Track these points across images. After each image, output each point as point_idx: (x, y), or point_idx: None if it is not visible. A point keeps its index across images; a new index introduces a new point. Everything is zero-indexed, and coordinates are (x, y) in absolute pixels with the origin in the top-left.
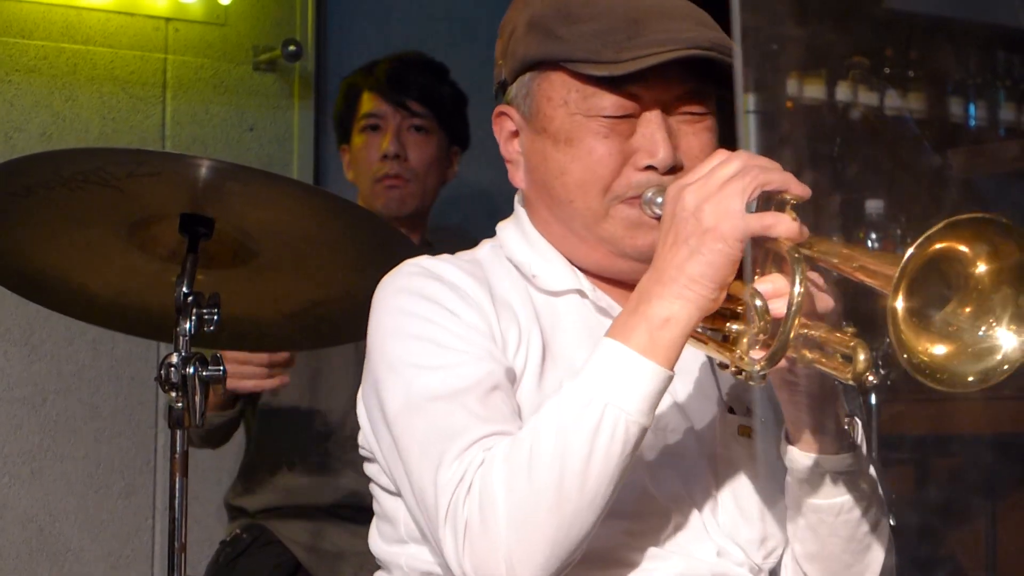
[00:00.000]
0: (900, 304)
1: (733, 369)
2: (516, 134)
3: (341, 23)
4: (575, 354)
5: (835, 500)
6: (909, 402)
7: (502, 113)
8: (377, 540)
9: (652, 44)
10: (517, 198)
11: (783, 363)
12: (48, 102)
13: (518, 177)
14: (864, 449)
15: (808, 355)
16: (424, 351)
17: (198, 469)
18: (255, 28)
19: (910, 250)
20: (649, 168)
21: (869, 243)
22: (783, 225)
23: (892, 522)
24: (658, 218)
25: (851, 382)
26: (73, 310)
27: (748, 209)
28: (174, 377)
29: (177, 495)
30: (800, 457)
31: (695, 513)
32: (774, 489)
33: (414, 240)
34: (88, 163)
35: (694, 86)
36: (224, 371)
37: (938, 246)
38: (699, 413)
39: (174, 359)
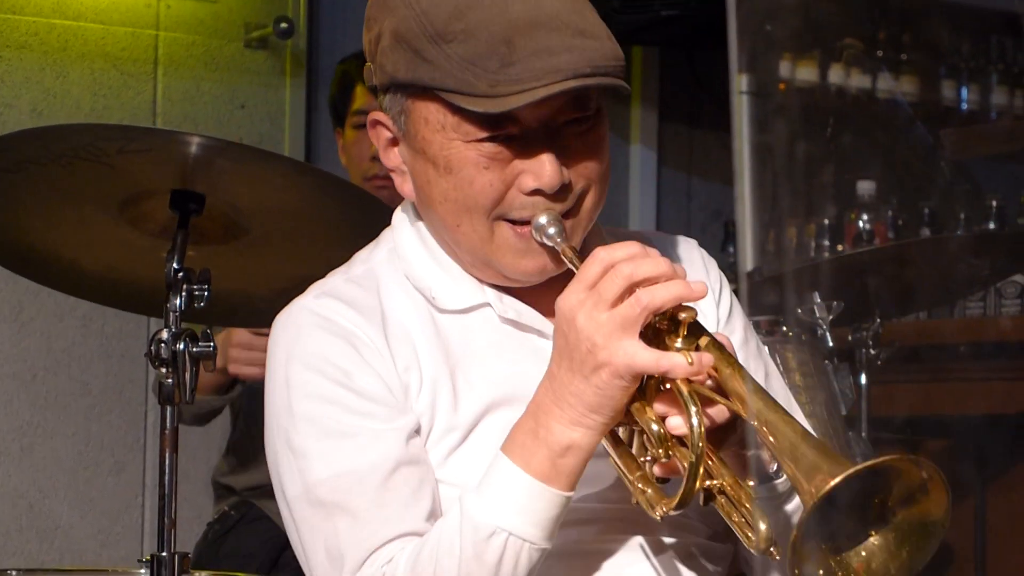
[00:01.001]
0: (803, 525)
1: (634, 501)
2: (395, 142)
3: (333, 1)
4: (490, 374)
5: (777, 510)
6: (899, 382)
7: (378, 122)
8: None
9: (527, 76)
10: (408, 206)
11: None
12: (39, 78)
13: (407, 188)
14: (780, 477)
15: (715, 500)
16: (317, 431)
17: (188, 446)
18: (247, 5)
19: (831, 483)
20: (535, 192)
21: (861, 224)
22: (679, 369)
23: None
24: (544, 247)
25: (754, 552)
26: (64, 285)
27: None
28: (164, 353)
29: (167, 472)
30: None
31: (649, 529)
32: None
33: None
34: (78, 139)
35: (575, 98)
36: (215, 347)
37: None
38: None
39: (164, 335)
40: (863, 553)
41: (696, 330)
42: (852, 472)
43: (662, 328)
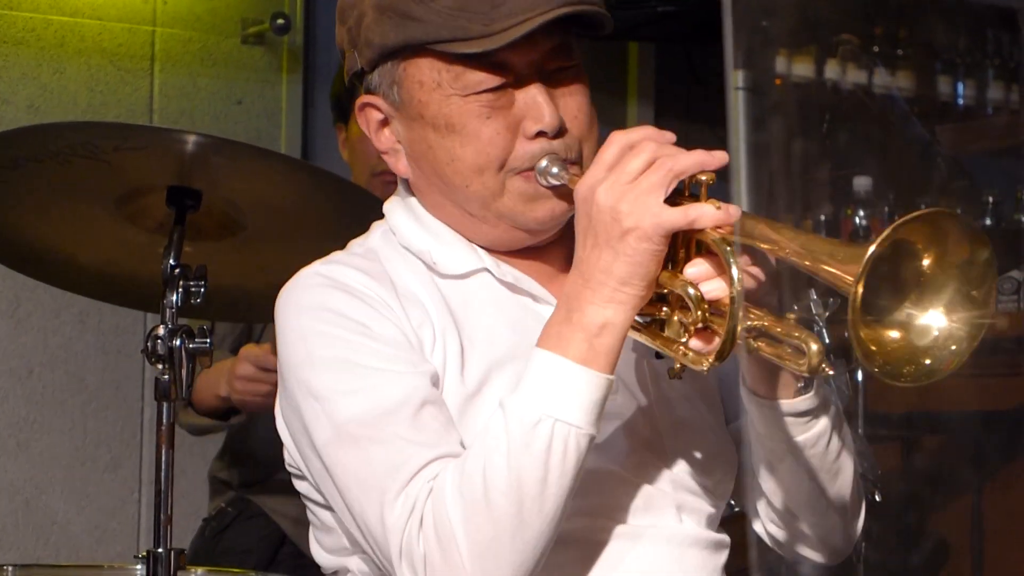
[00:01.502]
0: (859, 300)
1: (678, 367)
2: (386, 123)
3: None
4: (492, 335)
5: (801, 438)
6: None
7: (366, 104)
8: (319, 550)
9: (518, 10)
10: (402, 184)
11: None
12: (36, 74)
13: (401, 166)
14: (820, 381)
15: (755, 344)
16: (341, 376)
17: (185, 442)
18: (244, 1)
19: (872, 247)
20: (539, 135)
21: (857, 220)
22: (708, 216)
23: (878, 498)
24: (552, 188)
25: (807, 375)
26: (61, 281)
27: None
28: (161, 349)
29: (163, 468)
30: (757, 402)
31: (648, 471)
32: (717, 423)
33: None
34: (75, 137)
35: (560, 40)
36: (211, 343)
37: (891, 241)
38: (627, 366)
39: (161, 331)
40: (923, 322)
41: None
42: (887, 234)
43: (681, 200)
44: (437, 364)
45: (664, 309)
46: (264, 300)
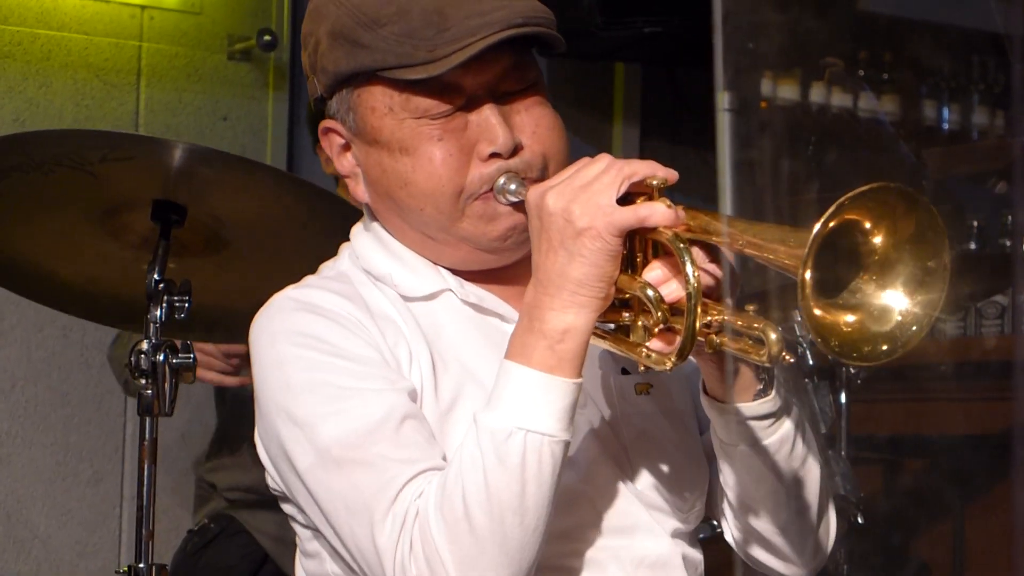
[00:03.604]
0: (808, 281)
1: (642, 369)
2: (347, 147)
3: None
4: (463, 354)
5: (763, 443)
6: (879, 401)
7: (328, 129)
8: (302, 574)
9: (463, 34)
10: (365, 209)
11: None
12: (22, 88)
13: (360, 191)
14: (779, 383)
15: (717, 340)
16: (319, 398)
17: (167, 457)
18: (230, 17)
19: (816, 226)
20: (493, 156)
21: None
22: (659, 214)
23: (861, 520)
24: (511, 204)
25: (768, 364)
26: (44, 297)
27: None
28: (144, 364)
29: (145, 483)
30: (717, 407)
31: (617, 491)
32: (684, 440)
33: None
34: (61, 146)
35: (513, 61)
36: (195, 359)
37: (838, 220)
38: (593, 381)
39: (144, 346)
40: (880, 301)
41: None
42: (832, 211)
43: (634, 198)
44: (414, 381)
45: (627, 315)
46: (246, 319)
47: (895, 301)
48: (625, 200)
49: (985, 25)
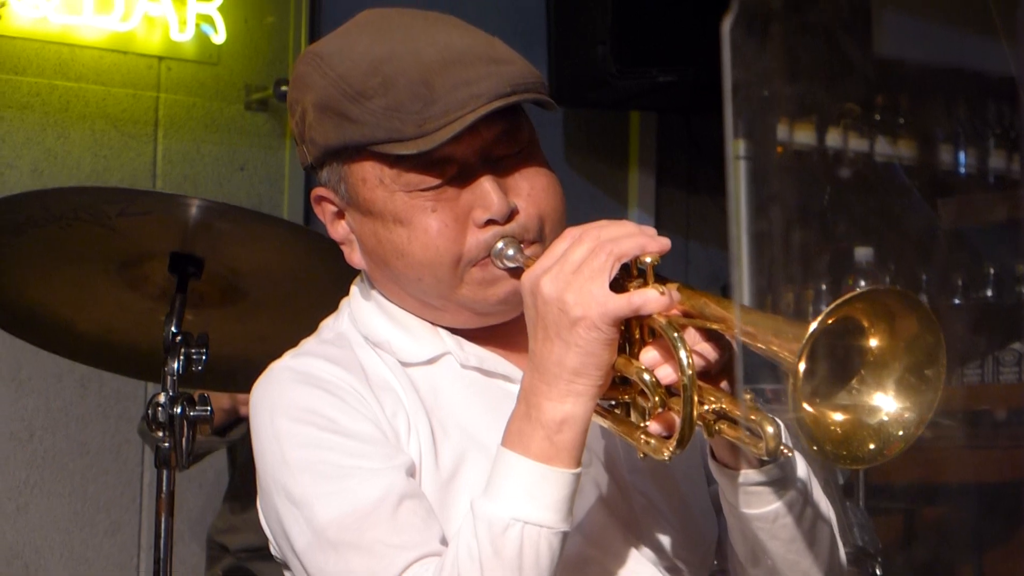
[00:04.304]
0: (800, 378)
1: (641, 456)
2: (341, 215)
3: None
4: (464, 419)
5: (767, 509)
6: None
7: (321, 197)
8: None
9: (451, 108)
10: (362, 276)
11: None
12: (40, 139)
13: (356, 258)
14: (786, 438)
15: (715, 428)
16: (316, 477)
17: (184, 507)
18: (247, 67)
19: (812, 325)
20: (489, 223)
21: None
22: (652, 302)
23: (880, 571)
24: (509, 270)
25: (765, 457)
26: (62, 348)
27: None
28: (161, 417)
29: (163, 535)
30: (726, 473)
31: (627, 550)
32: (693, 494)
33: None
34: (79, 201)
35: (504, 127)
36: (211, 411)
37: (835, 318)
38: (598, 439)
39: (162, 399)
40: (871, 404)
41: (661, 280)
42: (829, 311)
43: (629, 283)
44: (413, 453)
45: (626, 394)
46: (263, 370)
47: (887, 404)
48: (619, 282)
49: (1001, 70)
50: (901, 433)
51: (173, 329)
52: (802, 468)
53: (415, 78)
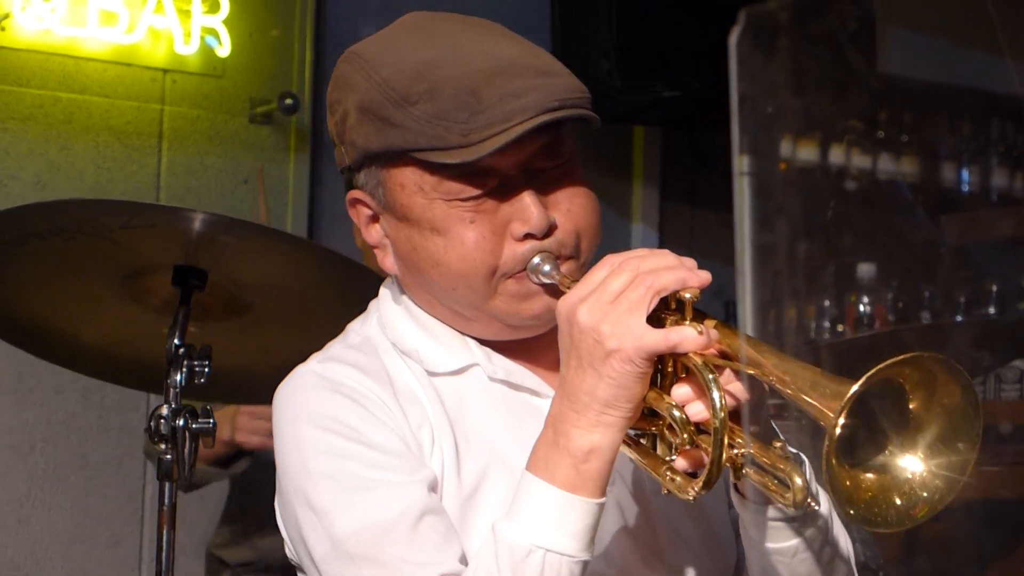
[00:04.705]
0: (835, 439)
1: (665, 492)
2: (375, 219)
3: None
4: (488, 433)
5: (788, 544)
6: None
7: (356, 200)
8: None
9: (498, 119)
10: (392, 280)
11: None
12: (43, 150)
13: (388, 262)
14: (813, 487)
15: (743, 471)
16: (338, 488)
17: (186, 520)
18: (252, 80)
19: (854, 387)
20: (527, 236)
21: (861, 307)
22: (689, 341)
23: None
24: (543, 285)
25: (791, 509)
26: (64, 359)
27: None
28: (164, 429)
29: (164, 547)
30: (748, 507)
31: (648, 574)
32: (715, 520)
33: None
34: (82, 214)
35: (548, 140)
36: (214, 424)
37: (875, 380)
38: (625, 464)
39: (164, 411)
40: (901, 465)
41: (700, 315)
42: (872, 373)
43: (666, 316)
44: (435, 466)
45: (655, 426)
46: (267, 382)
47: (916, 467)
48: (656, 314)
49: (1004, 88)
50: (925, 495)
51: (176, 341)
52: (824, 504)
53: (462, 86)
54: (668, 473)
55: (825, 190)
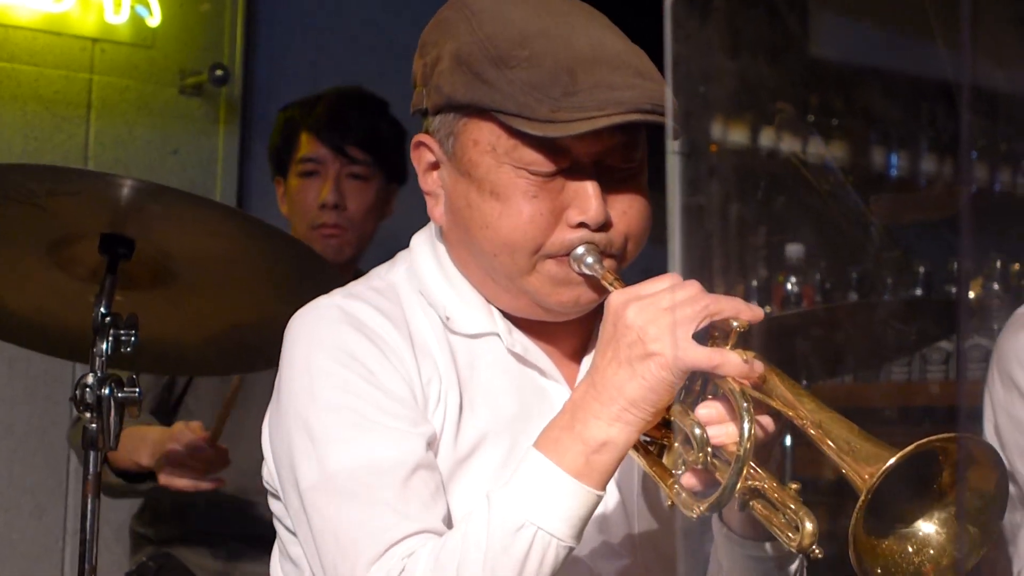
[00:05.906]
0: (864, 508)
1: (668, 503)
2: (436, 166)
3: (270, 49)
4: (493, 401)
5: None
6: None
7: (422, 143)
8: (279, 574)
9: (589, 105)
10: (435, 229)
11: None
12: None
13: (437, 212)
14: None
15: (750, 504)
16: (341, 422)
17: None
18: (182, 51)
19: (892, 460)
20: (581, 225)
21: (789, 286)
22: (731, 365)
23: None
24: (583, 275)
25: (795, 551)
26: None
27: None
28: (89, 398)
29: (89, 517)
30: (736, 541)
31: (615, 569)
32: (693, 524)
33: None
34: (8, 179)
35: (626, 139)
36: (140, 393)
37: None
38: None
39: (90, 380)
40: (923, 539)
41: (742, 347)
42: (910, 451)
43: (710, 341)
44: (436, 423)
45: (667, 437)
46: (193, 353)
47: (933, 537)
48: (698, 335)
49: (935, 73)
50: (932, 563)
51: (103, 310)
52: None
53: (562, 64)
54: (675, 487)
55: (756, 171)
